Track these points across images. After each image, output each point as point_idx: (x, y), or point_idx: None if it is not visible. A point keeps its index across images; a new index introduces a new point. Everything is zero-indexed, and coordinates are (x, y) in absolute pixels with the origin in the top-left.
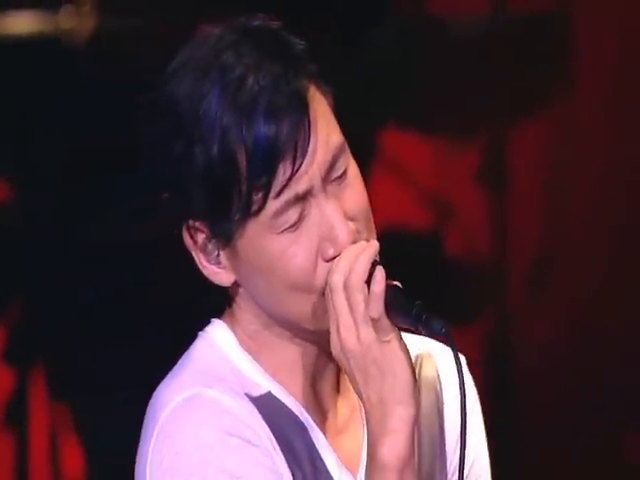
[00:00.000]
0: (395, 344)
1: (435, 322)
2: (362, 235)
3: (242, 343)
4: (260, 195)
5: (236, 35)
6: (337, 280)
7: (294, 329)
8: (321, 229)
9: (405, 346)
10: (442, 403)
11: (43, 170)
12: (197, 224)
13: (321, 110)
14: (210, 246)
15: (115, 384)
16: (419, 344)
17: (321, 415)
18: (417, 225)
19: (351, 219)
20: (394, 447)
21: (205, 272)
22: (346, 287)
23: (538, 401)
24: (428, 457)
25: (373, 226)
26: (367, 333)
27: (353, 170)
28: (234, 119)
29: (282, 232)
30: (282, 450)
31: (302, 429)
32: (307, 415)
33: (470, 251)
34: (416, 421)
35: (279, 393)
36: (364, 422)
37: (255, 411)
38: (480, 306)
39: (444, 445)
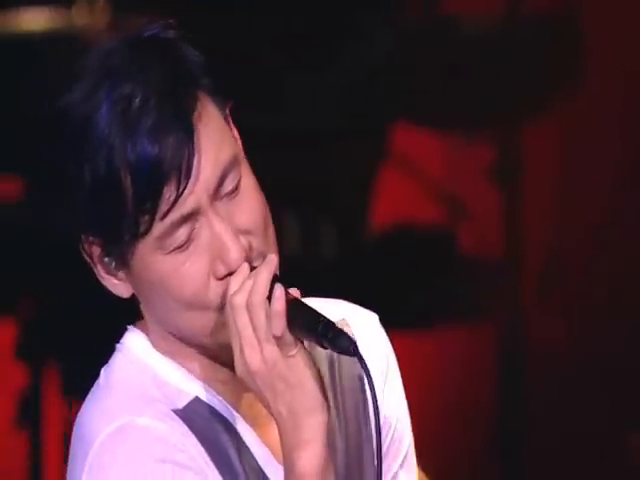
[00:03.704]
0: (299, 358)
1: (343, 340)
2: (258, 248)
3: (158, 348)
4: (146, 217)
5: (129, 47)
6: (239, 300)
7: (193, 342)
8: (212, 248)
9: (309, 357)
10: (366, 391)
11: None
12: (92, 239)
13: (211, 126)
14: (107, 259)
15: None
16: (335, 314)
17: (249, 409)
18: (430, 222)
19: (246, 233)
20: (310, 457)
21: (104, 283)
22: (248, 306)
23: (549, 397)
24: (355, 459)
25: (272, 237)
26: (271, 351)
27: (248, 182)
28: (120, 138)
29: (171, 252)
30: (216, 463)
31: (232, 431)
32: (236, 413)
33: (483, 248)
34: (328, 426)
35: (205, 395)
36: None
37: (186, 430)
38: (493, 303)
39: (371, 436)
